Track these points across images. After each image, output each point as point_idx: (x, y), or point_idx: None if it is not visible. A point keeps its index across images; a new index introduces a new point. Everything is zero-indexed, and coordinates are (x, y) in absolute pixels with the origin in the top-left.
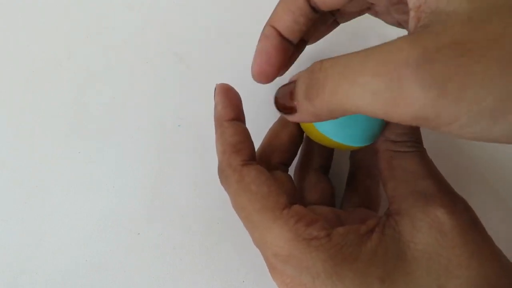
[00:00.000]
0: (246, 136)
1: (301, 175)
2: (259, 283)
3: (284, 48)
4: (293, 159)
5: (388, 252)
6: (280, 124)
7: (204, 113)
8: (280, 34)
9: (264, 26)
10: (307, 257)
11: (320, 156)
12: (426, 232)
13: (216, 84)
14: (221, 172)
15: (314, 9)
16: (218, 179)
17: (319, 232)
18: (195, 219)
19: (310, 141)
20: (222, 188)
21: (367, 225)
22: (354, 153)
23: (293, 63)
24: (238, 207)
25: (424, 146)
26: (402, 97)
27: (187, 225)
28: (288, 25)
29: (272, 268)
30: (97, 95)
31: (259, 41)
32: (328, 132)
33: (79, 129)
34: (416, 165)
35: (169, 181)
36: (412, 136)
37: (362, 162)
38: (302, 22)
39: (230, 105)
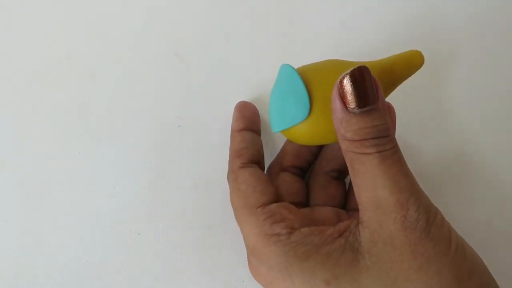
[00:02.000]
0: (250, 143)
1: (311, 178)
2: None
3: None
4: (308, 163)
5: (342, 258)
6: None
7: (204, 113)
8: None
9: None
10: (265, 250)
11: (332, 161)
12: (380, 246)
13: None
14: (227, 174)
15: None
16: (218, 179)
17: (282, 229)
18: (195, 219)
19: (324, 146)
20: (222, 188)
21: (337, 229)
22: None
23: None
24: (231, 203)
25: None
26: None
27: (187, 225)
28: None
29: (248, 259)
30: (97, 95)
31: None
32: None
33: (79, 129)
34: (374, 170)
35: (169, 181)
36: (370, 133)
37: None
38: None
39: (241, 118)
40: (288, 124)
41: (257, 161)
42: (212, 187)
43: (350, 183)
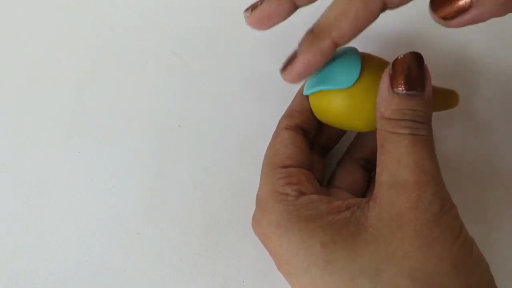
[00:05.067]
0: (305, 109)
1: (340, 162)
2: (259, 283)
3: None
4: (331, 143)
5: (343, 229)
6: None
7: (204, 113)
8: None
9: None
10: (269, 206)
11: (362, 148)
12: (386, 222)
13: None
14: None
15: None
16: (218, 179)
17: (292, 191)
18: (195, 219)
19: (357, 134)
20: (222, 188)
21: (345, 203)
22: None
23: None
24: (264, 155)
25: None
26: None
27: (187, 225)
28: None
29: (254, 211)
30: (97, 95)
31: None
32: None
33: (79, 129)
34: (402, 150)
35: (169, 181)
36: (408, 114)
37: None
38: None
39: None
40: (329, 86)
41: (305, 128)
42: (212, 187)
43: (373, 176)
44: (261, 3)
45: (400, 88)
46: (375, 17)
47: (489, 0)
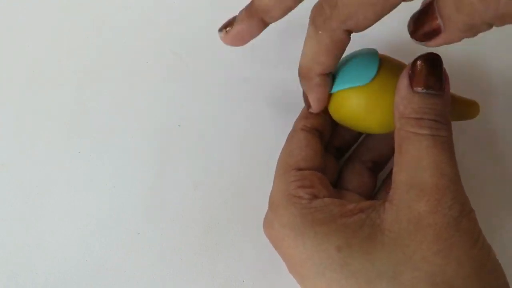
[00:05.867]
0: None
1: (346, 163)
2: (259, 283)
3: None
4: (347, 145)
5: (359, 231)
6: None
7: (204, 113)
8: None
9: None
10: (283, 208)
11: (371, 151)
12: (404, 225)
13: None
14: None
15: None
16: (218, 179)
17: (305, 194)
18: (195, 219)
19: (366, 136)
20: (222, 188)
21: (359, 205)
22: None
23: None
24: (279, 156)
25: None
26: None
27: (187, 225)
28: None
29: (266, 213)
30: (97, 95)
31: None
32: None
33: (79, 129)
34: (421, 152)
35: (169, 181)
36: (429, 113)
37: None
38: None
39: None
40: (347, 84)
41: (320, 130)
42: (212, 187)
43: (384, 180)
44: (233, 24)
45: (419, 88)
46: (347, 43)
47: (454, 27)
